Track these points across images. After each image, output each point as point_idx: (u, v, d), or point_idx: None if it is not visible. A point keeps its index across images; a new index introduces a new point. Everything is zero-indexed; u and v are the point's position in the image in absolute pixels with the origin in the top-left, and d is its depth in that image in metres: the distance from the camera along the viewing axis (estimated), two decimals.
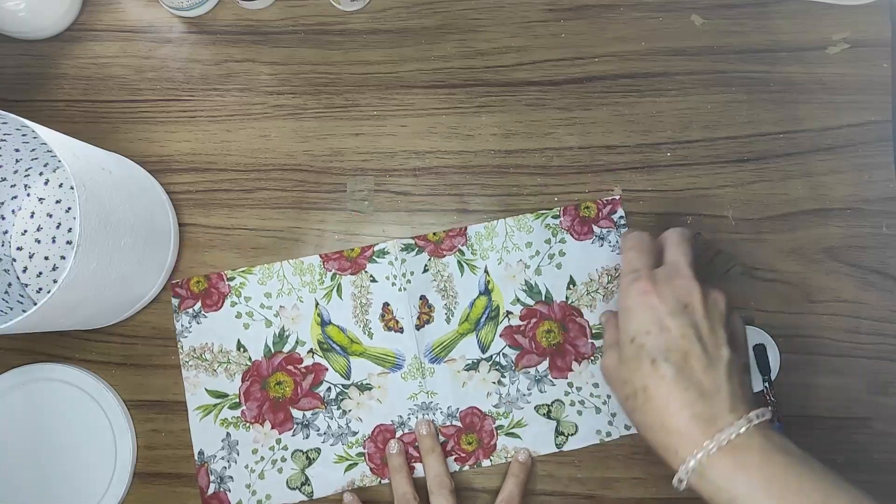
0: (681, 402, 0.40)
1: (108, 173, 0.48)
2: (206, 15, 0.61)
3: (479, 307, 0.55)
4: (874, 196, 0.56)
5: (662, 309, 0.42)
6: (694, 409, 0.40)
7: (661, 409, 0.41)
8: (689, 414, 0.40)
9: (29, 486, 0.56)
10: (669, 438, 0.41)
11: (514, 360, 0.55)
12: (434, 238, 0.56)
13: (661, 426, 0.41)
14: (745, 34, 0.58)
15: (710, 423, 0.40)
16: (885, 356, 0.55)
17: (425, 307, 0.55)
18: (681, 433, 0.40)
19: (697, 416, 0.40)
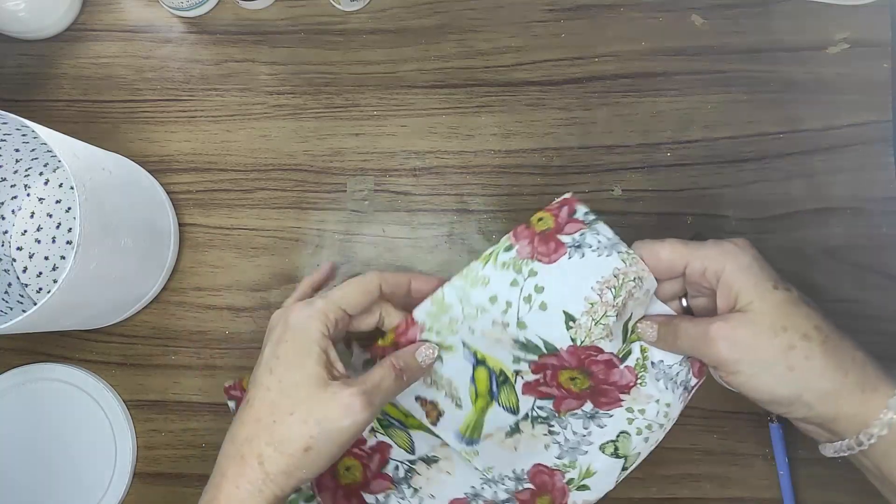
0: (853, 344, 0.38)
1: (108, 173, 0.48)
2: (206, 15, 0.61)
3: (482, 379, 0.47)
4: (874, 196, 0.56)
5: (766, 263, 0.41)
6: (863, 350, 0.38)
7: (842, 346, 0.37)
8: (864, 356, 0.38)
9: (29, 486, 0.56)
10: (863, 374, 0.37)
11: (552, 407, 0.48)
12: (385, 342, 0.45)
13: (852, 361, 0.37)
14: (745, 34, 0.58)
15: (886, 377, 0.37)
16: (884, 356, 0.54)
17: (427, 405, 0.47)
18: (875, 368, 0.37)
19: (871, 361, 0.38)
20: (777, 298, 0.38)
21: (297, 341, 0.41)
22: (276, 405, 0.39)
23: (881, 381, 0.36)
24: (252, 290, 0.58)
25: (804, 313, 0.38)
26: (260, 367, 0.41)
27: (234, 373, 0.57)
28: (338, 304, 0.42)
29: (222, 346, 0.57)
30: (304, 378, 0.39)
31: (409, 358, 0.44)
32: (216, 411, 0.57)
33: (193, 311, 0.58)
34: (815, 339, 0.37)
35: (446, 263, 0.57)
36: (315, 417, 0.39)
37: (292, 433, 0.38)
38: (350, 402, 0.39)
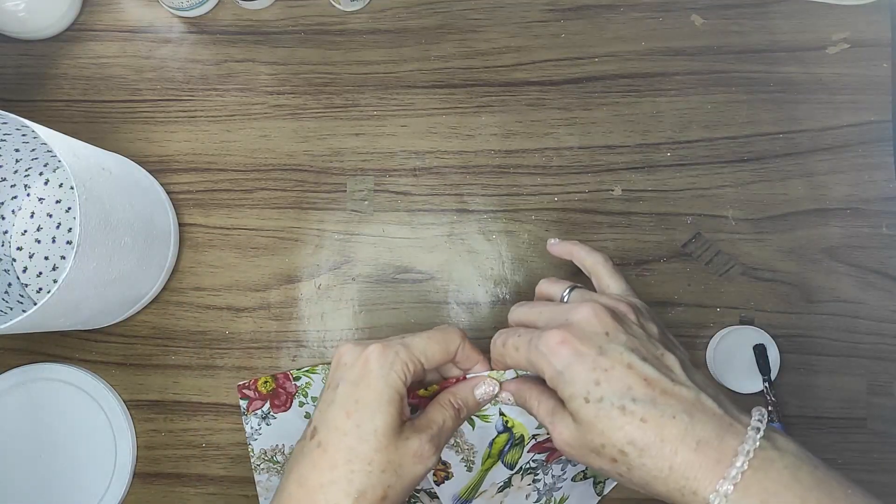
0: (677, 435, 0.35)
1: (108, 173, 0.48)
2: (206, 15, 0.61)
3: (499, 443, 0.47)
4: (874, 196, 0.56)
5: (591, 350, 0.37)
6: (695, 434, 0.35)
7: (661, 454, 0.35)
8: (694, 442, 0.35)
9: (29, 486, 0.56)
10: (683, 480, 0.35)
11: (544, 459, 0.49)
12: (426, 393, 0.44)
13: (670, 470, 0.35)
14: (744, 34, 0.58)
15: (720, 441, 0.35)
16: (884, 356, 0.55)
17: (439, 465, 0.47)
18: (694, 466, 0.34)
19: (704, 440, 0.35)
20: (589, 416, 0.36)
21: (376, 387, 0.39)
22: (353, 452, 0.38)
23: (700, 483, 0.34)
24: (252, 290, 0.58)
25: (618, 426, 0.35)
26: (333, 406, 0.39)
27: (234, 373, 0.57)
28: (418, 357, 0.41)
29: (222, 346, 0.57)
30: (383, 426, 0.38)
31: (468, 395, 0.42)
32: (216, 411, 0.57)
33: (193, 311, 0.58)
34: (632, 453, 0.35)
35: (446, 263, 0.57)
36: (392, 467, 0.38)
37: (371, 484, 0.37)
38: (423, 449, 0.39)
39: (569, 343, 0.37)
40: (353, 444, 0.38)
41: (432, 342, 0.41)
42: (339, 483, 0.37)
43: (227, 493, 0.56)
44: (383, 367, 0.39)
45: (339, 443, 0.38)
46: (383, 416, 0.38)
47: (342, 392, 0.39)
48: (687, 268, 0.56)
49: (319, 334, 0.57)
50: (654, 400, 0.36)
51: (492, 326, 0.57)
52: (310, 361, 0.57)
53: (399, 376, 0.39)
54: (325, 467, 0.38)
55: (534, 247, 0.57)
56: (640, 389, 0.36)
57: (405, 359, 0.40)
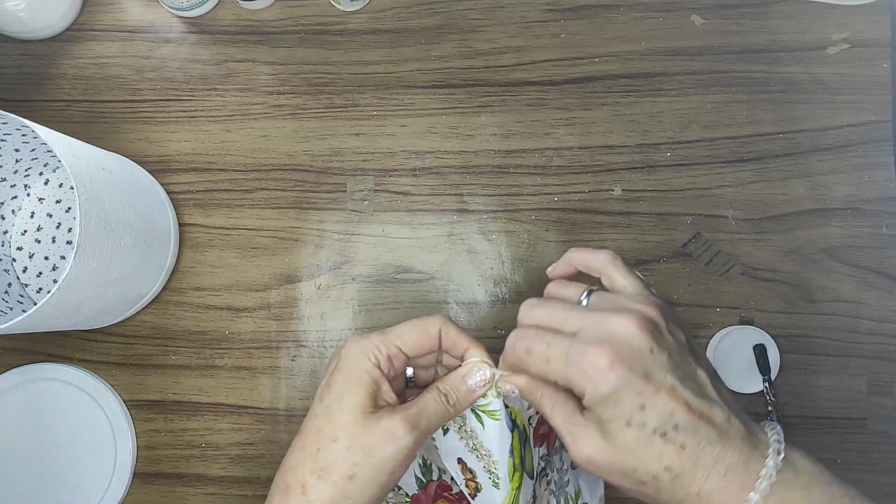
0: (710, 461, 0.35)
1: (108, 173, 0.48)
2: (206, 15, 0.61)
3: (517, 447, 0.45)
4: (874, 196, 0.56)
5: (638, 374, 0.35)
6: (726, 461, 0.35)
7: (693, 479, 0.35)
8: (724, 468, 0.35)
9: (29, 486, 0.56)
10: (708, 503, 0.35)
11: (546, 451, 0.48)
12: None
13: (697, 495, 0.35)
14: (744, 34, 0.58)
15: (745, 467, 0.35)
16: (884, 356, 0.55)
17: (466, 471, 0.45)
18: (721, 491, 0.34)
19: (732, 466, 0.35)
20: (629, 439, 0.35)
21: (347, 370, 0.40)
22: (321, 432, 0.39)
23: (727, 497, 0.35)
24: (252, 290, 0.58)
25: (657, 454, 0.35)
26: (314, 399, 0.41)
27: (234, 373, 0.57)
28: (393, 341, 0.41)
29: (222, 346, 0.57)
30: (350, 404, 0.38)
31: (458, 381, 0.41)
32: (216, 411, 0.57)
33: (193, 311, 0.58)
34: (665, 479, 0.35)
35: (446, 263, 0.57)
36: (359, 444, 0.37)
37: (336, 460, 0.37)
38: (393, 427, 0.38)
39: (618, 367, 0.35)
40: (321, 424, 0.39)
41: (409, 326, 0.41)
42: (306, 462, 0.38)
43: (227, 493, 0.56)
44: (355, 352, 0.40)
45: (310, 426, 0.39)
46: (351, 395, 0.39)
47: (321, 384, 0.41)
48: (687, 268, 0.56)
49: (319, 334, 0.57)
50: (695, 426, 0.35)
51: (492, 326, 0.57)
52: (309, 362, 0.57)
53: (370, 359, 0.40)
54: (296, 449, 0.39)
55: (534, 247, 0.57)
56: (683, 416, 0.35)
57: (377, 342, 0.40)
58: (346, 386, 0.39)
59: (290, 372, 0.57)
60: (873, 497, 0.37)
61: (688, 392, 0.36)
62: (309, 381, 0.57)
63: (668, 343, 0.37)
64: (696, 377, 0.37)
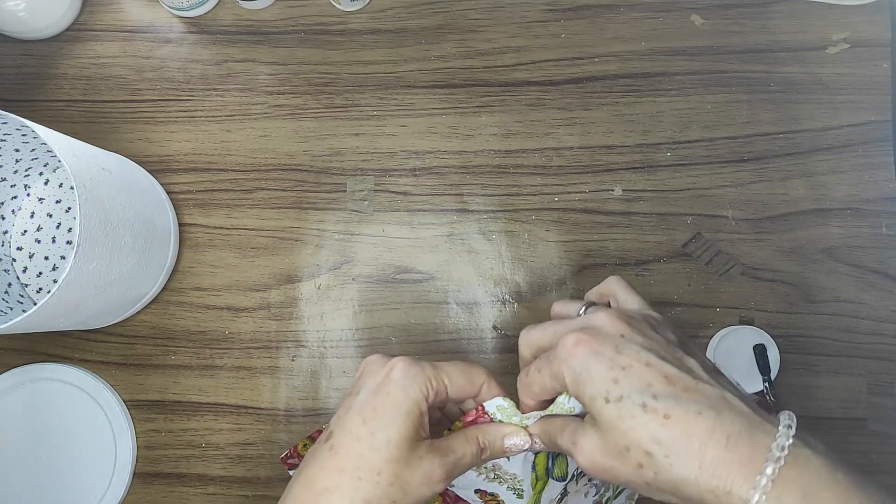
0: (705, 430, 0.33)
1: (108, 173, 0.48)
2: (206, 15, 0.61)
3: (540, 463, 0.45)
4: (874, 196, 0.56)
5: (607, 349, 0.35)
6: (724, 429, 0.33)
7: (689, 451, 0.33)
8: (724, 437, 0.33)
9: (28, 486, 0.56)
10: (716, 479, 0.32)
11: None
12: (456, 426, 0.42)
13: (700, 469, 0.33)
14: (745, 34, 0.58)
15: (750, 437, 0.33)
16: (884, 356, 0.55)
17: (486, 496, 0.45)
18: (726, 463, 0.32)
19: (734, 436, 0.33)
20: (610, 416, 0.34)
21: (397, 398, 0.38)
22: (363, 459, 0.37)
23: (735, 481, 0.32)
24: (252, 290, 0.58)
25: (641, 424, 0.34)
26: (350, 412, 0.39)
27: (233, 373, 0.57)
28: (442, 379, 0.39)
29: (222, 346, 0.57)
30: (397, 438, 0.37)
31: (497, 439, 0.40)
32: (216, 411, 0.57)
33: (193, 311, 0.58)
34: (658, 453, 0.33)
35: (446, 263, 0.57)
36: (401, 483, 0.37)
37: (377, 494, 0.36)
38: (433, 472, 0.37)
39: (584, 343, 0.36)
40: (364, 451, 0.37)
41: (457, 368, 0.40)
42: (344, 489, 0.37)
43: (227, 493, 0.56)
44: (406, 378, 0.39)
45: (350, 448, 0.37)
46: (398, 427, 0.37)
47: (361, 399, 0.39)
48: (687, 268, 0.56)
49: (319, 334, 0.57)
50: (677, 396, 0.34)
51: (491, 326, 0.57)
52: (309, 362, 0.57)
53: (421, 390, 0.38)
54: (333, 471, 0.37)
55: (534, 247, 0.57)
56: (661, 386, 0.34)
57: (430, 375, 0.39)
58: (396, 416, 0.38)
59: (290, 372, 0.57)
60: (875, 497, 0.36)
61: (667, 366, 0.35)
62: (309, 381, 0.57)
63: (647, 334, 0.37)
64: (683, 361, 0.36)
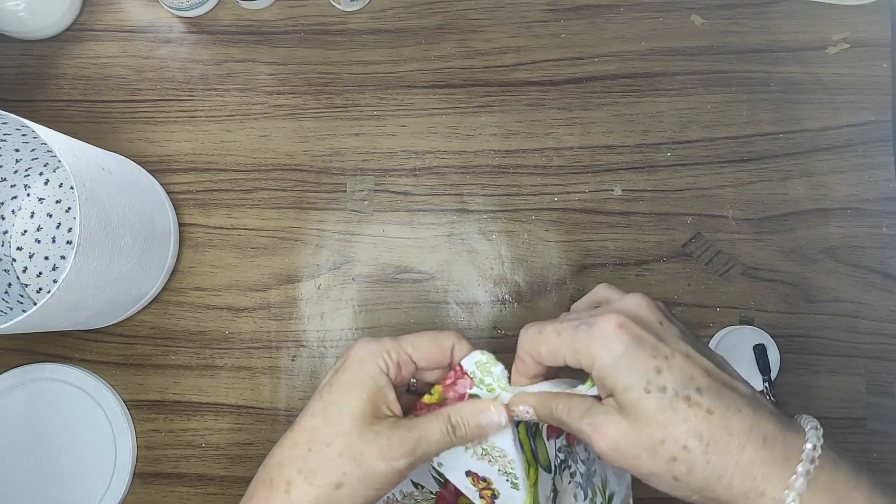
0: (744, 429, 0.32)
1: (108, 173, 0.48)
2: (206, 15, 0.61)
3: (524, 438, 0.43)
4: (874, 196, 0.56)
5: (650, 336, 0.34)
6: (762, 428, 0.33)
7: (728, 449, 0.32)
8: (761, 437, 0.32)
9: (28, 486, 0.56)
10: (750, 480, 0.32)
11: (565, 442, 0.45)
12: (431, 399, 0.41)
13: (735, 468, 0.32)
14: (745, 34, 0.58)
15: (784, 438, 0.33)
16: (884, 356, 0.55)
17: (479, 482, 0.43)
18: (762, 463, 0.32)
19: (770, 436, 0.32)
20: (650, 407, 0.33)
21: (353, 372, 0.38)
22: (316, 432, 0.37)
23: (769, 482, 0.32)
24: (252, 290, 0.58)
25: (682, 418, 0.33)
26: (314, 394, 0.39)
27: (234, 373, 0.57)
28: (405, 348, 0.39)
29: (222, 346, 0.57)
30: (349, 409, 0.37)
31: (471, 416, 0.39)
32: (216, 411, 0.57)
33: (193, 311, 0.58)
34: (697, 449, 0.32)
35: (446, 263, 0.57)
36: (352, 454, 0.36)
37: (326, 465, 0.36)
38: (392, 447, 0.36)
39: (628, 327, 0.34)
40: (317, 424, 0.37)
41: (423, 337, 0.40)
42: (295, 460, 0.37)
43: (226, 493, 0.56)
44: (364, 354, 0.39)
45: (305, 423, 0.38)
46: (352, 400, 0.37)
47: (324, 381, 0.40)
48: (687, 268, 0.56)
49: (319, 334, 0.57)
50: (719, 391, 0.33)
51: (491, 326, 0.57)
52: (309, 362, 0.57)
53: (378, 364, 0.38)
54: (287, 445, 0.38)
55: (534, 247, 0.57)
56: (704, 380, 0.33)
57: (388, 347, 0.39)
58: (349, 390, 0.38)
59: (290, 372, 0.57)
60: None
61: (706, 360, 0.34)
62: (309, 381, 0.57)
63: (678, 322, 0.36)
64: (713, 356, 0.36)
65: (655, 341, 0.34)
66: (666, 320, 0.36)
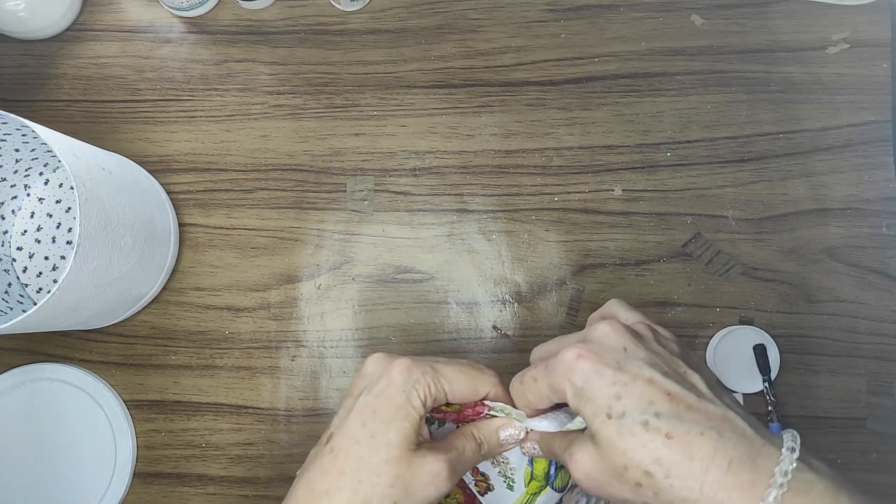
0: (707, 453, 0.32)
1: (108, 173, 0.48)
2: (206, 15, 0.61)
3: (541, 464, 0.45)
4: (874, 196, 0.56)
5: (608, 365, 0.35)
6: (727, 452, 0.32)
7: (690, 472, 0.32)
8: (726, 461, 0.32)
9: (29, 486, 0.56)
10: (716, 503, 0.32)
11: None
12: (450, 408, 0.42)
13: (700, 492, 0.32)
14: (745, 34, 0.58)
15: (753, 462, 0.32)
16: (884, 356, 0.55)
17: (478, 475, 0.45)
18: (727, 487, 0.32)
19: (736, 460, 0.32)
20: (611, 433, 0.34)
21: (396, 400, 0.38)
22: (363, 461, 0.37)
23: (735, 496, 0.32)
24: (252, 290, 0.58)
25: (641, 444, 0.33)
26: (351, 414, 0.39)
27: (234, 373, 0.57)
28: (443, 384, 0.39)
29: (222, 346, 0.57)
30: (398, 441, 0.37)
31: (492, 434, 0.41)
32: (216, 411, 0.57)
33: (193, 311, 0.58)
34: (658, 474, 0.33)
35: (446, 263, 0.57)
36: (403, 483, 0.37)
37: (378, 497, 0.36)
38: (438, 470, 0.37)
39: (584, 357, 0.36)
40: (364, 453, 0.37)
41: (463, 375, 0.40)
42: (344, 491, 0.37)
43: (227, 493, 0.56)
44: (406, 382, 0.38)
45: (350, 450, 0.38)
46: (398, 429, 0.37)
47: (362, 401, 0.39)
48: (687, 268, 0.56)
49: (319, 334, 0.57)
50: (679, 415, 0.33)
51: (491, 326, 0.57)
52: (309, 362, 0.57)
53: (420, 395, 0.38)
54: (333, 473, 0.37)
55: (534, 247, 0.57)
56: (664, 404, 0.34)
57: (430, 381, 0.39)
58: (394, 418, 0.38)
59: (290, 372, 0.57)
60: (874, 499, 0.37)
61: (670, 383, 0.35)
62: (309, 382, 0.57)
63: (651, 346, 0.37)
64: (686, 376, 0.36)
65: (615, 369, 0.35)
66: (633, 344, 0.36)
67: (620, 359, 0.36)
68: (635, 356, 0.36)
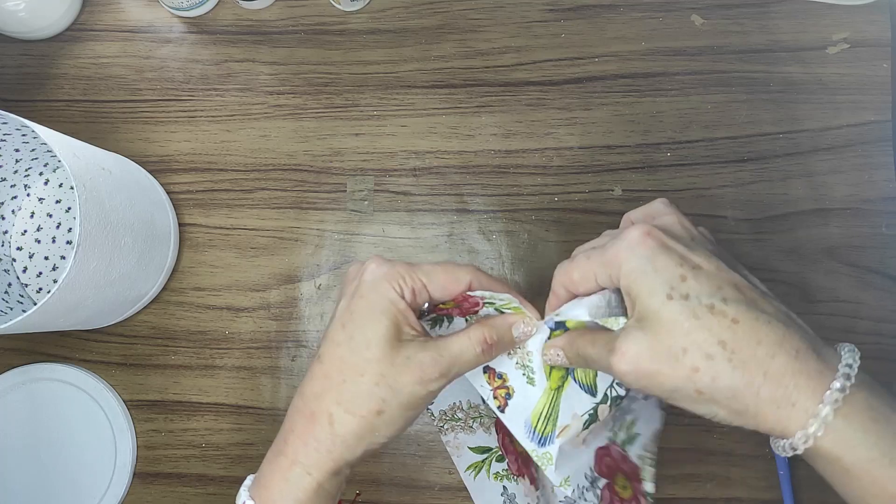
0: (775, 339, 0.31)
1: (108, 173, 0.48)
2: (206, 15, 0.61)
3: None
4: (874, 196, 0.56)
5: (676, 246, 0.34)
6: (794, 342, 0.32)
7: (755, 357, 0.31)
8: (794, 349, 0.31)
9: (29, 486, 0.56)
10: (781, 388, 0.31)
11: None
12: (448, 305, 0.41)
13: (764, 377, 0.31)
14: (745, 34, 0.58)
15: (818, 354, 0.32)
16: (883, 356, 0.55)
17: (494, 379, 0.42)
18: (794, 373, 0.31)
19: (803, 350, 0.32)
20: (672, 313, 0.32)
21: (370, 297, 0.37)
22: (344, 362, 0.37)
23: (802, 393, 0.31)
24: (252, 290, 0.58)
25: (706, 326, 0.32)
26: (332, 321, 0.39)
27: (234, 373, 0.57)
28: (419, 276, 0.38)
29: (222, 346, 0.57)
30: (376, 336, 0.37)
31: (505, 331, 0.39)
32: (216, 411, 0.57)
33: (193, 311, 0.58)
34: (720, 357, 0.32)
35: None
36: (387, 381, 0.36)
37: (363, 395, 0.36)
38: (424, 370, 0.36)
39: (655, 235, 0.34)
40: (344, 354, 0.37)
41: (439, 266, 0.39)
42: (330, 392, 0.37)
43: (227, 493, 0.56)
44: (377, 278, 0.38)
45: (332, 354, 0.38)
46: (375, 326, 0.37)
47: (341, 306, 0.39)
48: None
49: (319, 334, 0.57)
50: (747, 302, 0.32)
51: None
52: (309, 362, 0.57)
53: (394, 287, 0.38)
54: (319, 377, 0.38)
55: (534, 247, 0.57)
56: (731, 291, 0.33)
57: (402, 272, 0.38)
58: (370, 315, 0.37)
59: (290, 372, 0.57)
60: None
61: (736, 276, 0.34)
62: None
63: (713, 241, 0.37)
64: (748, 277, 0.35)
65: (684, 251, 0.34)
66: (700, 236, 0.36)
67: (688, 243, 0.35)
68: (703, 245, 0.35)
